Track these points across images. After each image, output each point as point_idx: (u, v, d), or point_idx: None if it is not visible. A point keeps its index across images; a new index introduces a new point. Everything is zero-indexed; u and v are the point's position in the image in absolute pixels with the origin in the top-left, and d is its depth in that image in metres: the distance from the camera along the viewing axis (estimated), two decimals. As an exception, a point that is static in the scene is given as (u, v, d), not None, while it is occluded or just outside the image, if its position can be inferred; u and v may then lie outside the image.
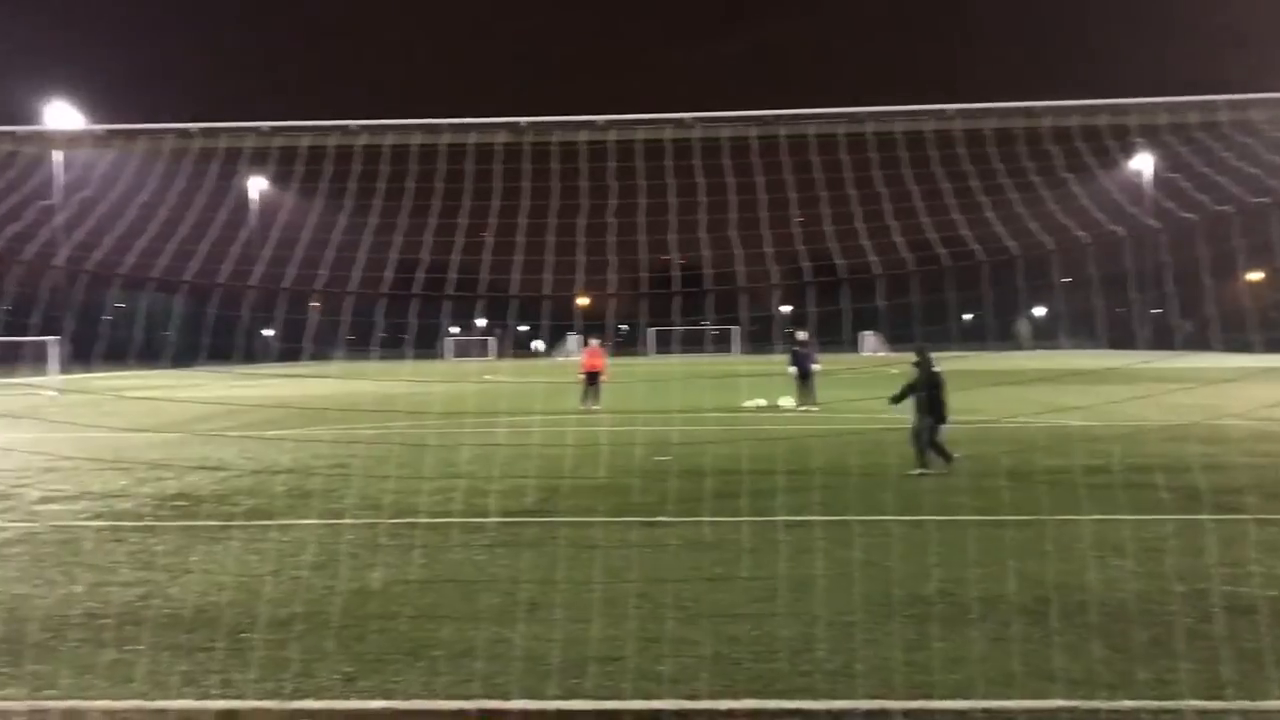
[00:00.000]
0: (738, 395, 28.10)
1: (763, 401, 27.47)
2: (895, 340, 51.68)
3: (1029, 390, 31.22)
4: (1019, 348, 76.36)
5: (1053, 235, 6.87)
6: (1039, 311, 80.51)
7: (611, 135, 6.52)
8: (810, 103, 6.42)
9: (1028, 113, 6.15)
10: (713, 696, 6.01)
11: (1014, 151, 6.58)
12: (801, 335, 27.75)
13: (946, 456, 14.54)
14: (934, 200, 6.93)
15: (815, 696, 5.98)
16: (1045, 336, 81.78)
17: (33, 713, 5.94)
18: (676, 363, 65.44)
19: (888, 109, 6.40)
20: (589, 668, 6.47)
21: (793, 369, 27.64)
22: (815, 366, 27.38)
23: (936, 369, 14.82)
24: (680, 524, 10.88)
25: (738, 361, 65.75)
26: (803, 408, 26.67)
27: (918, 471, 14.26)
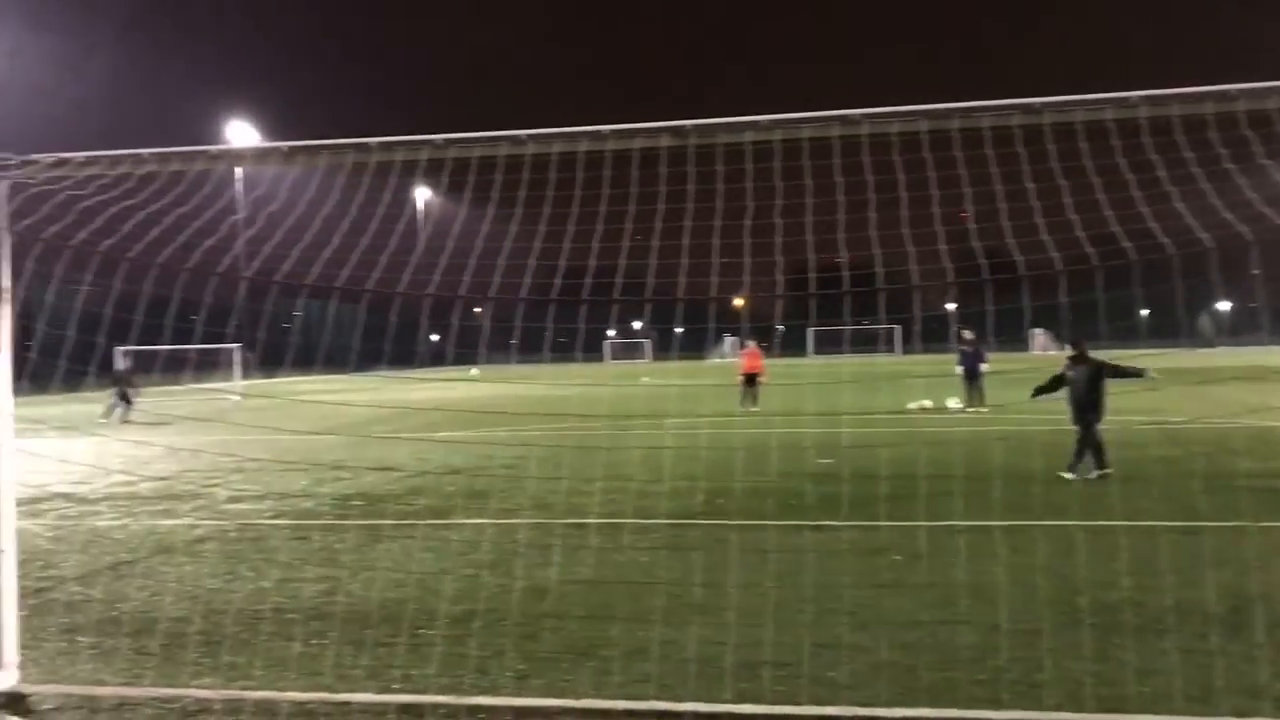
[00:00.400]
0: (901, 397, 27.53)
1: (928, 403, 26.83)
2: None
3: (1223, 389, 29.51)
4: (1204, 345, 72.41)
5: (1249, 225, 6.47)
6: (1223, 306, 76.10)
7: (777, 135, 6.44)
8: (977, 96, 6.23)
9: (1221, 96, 5.78)
10: (890, 704, 5.88)
11: (1204, 139, 6.21)
12: (968, 334, 26.99)
13: (1102, 463, 13.90)
14: (1117, 192, 6.62)
15: (998, 707, 5.79)
16: (1232, 332, 77.26)
17: (227, 702, 6.25)
18: (837, 363, 64.50)
19: (1066, 99, 6.13)
20: (762, 672, 6.41)
21: (959, 369, 26.91)
22: (984, 366, 26.58)
23: (1098, 363, 14.11)
24: (849, 528, 10.70)
25: (900, 362, 64.49)
26: (971, 409, 25.94)
27: (1096, 474, 13.66)
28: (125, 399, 31.66)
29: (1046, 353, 72.17)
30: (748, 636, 7.10)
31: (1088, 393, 13.96)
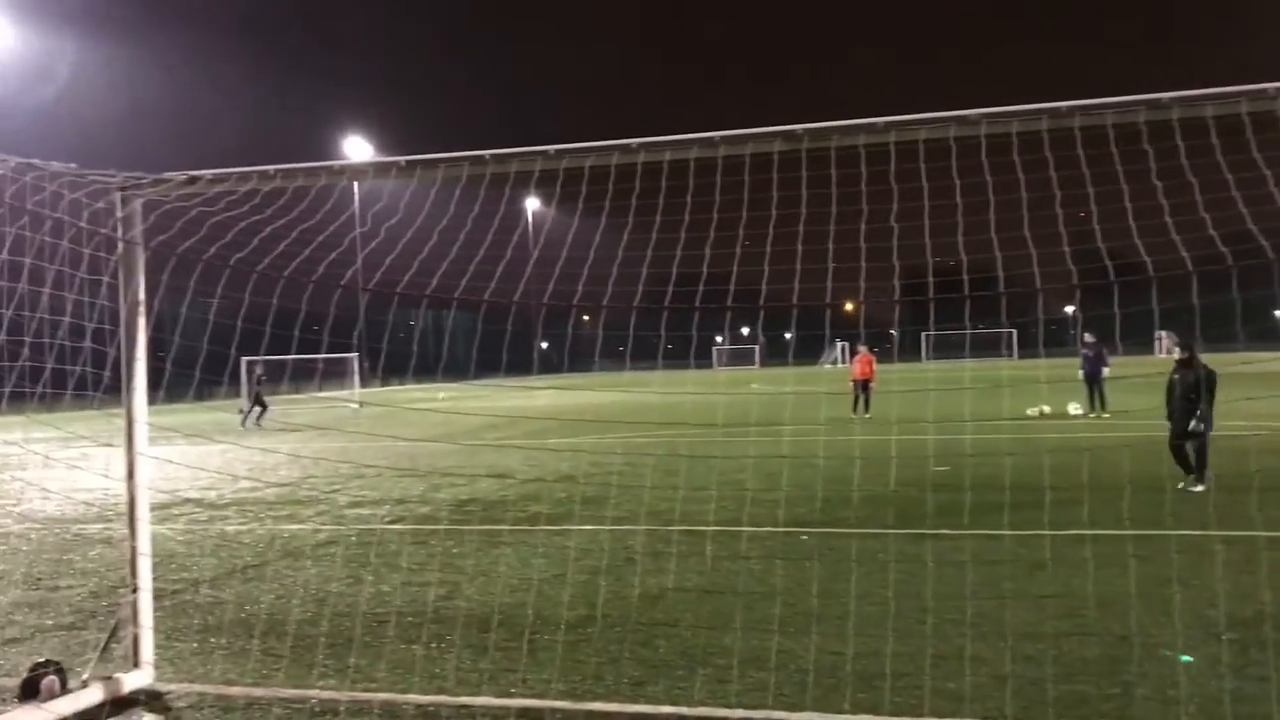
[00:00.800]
0: (1020, 402, 26.86)
1: (1046, 409, 26.13)
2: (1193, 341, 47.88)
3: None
4: None
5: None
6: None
7: (891, 137, 6.34)
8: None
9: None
10: (1016, 718, 5.72)
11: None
12: (1089, 337, 26.21)
13: (1201, 471, 13.24)
14: (1251, 189, 6.34)
15: (1129, 724, 5.60)
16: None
17: (353, 703, 6.40)
18: (953, 368, 63.25)
19: (1195, 93, 5.90)
20: (880, 683, 6.31)
21: (1081, 373, 26.13)
22: (1105, 370, 25.76)
23: (1205, 371, 13.45)
24: (969, 536, 10.47)
25: (1018, 366, 62.95)
26: (1092, 414, 25.17)
27: (1198, 487, 13.06)
28: (261, 406, 32.94)
29: (1171, 355, 69.69)
30: (866, 646, 7.00)
31: (1186, 399, 13.34)
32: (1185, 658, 6.65)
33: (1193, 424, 13.12)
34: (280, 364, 34.95)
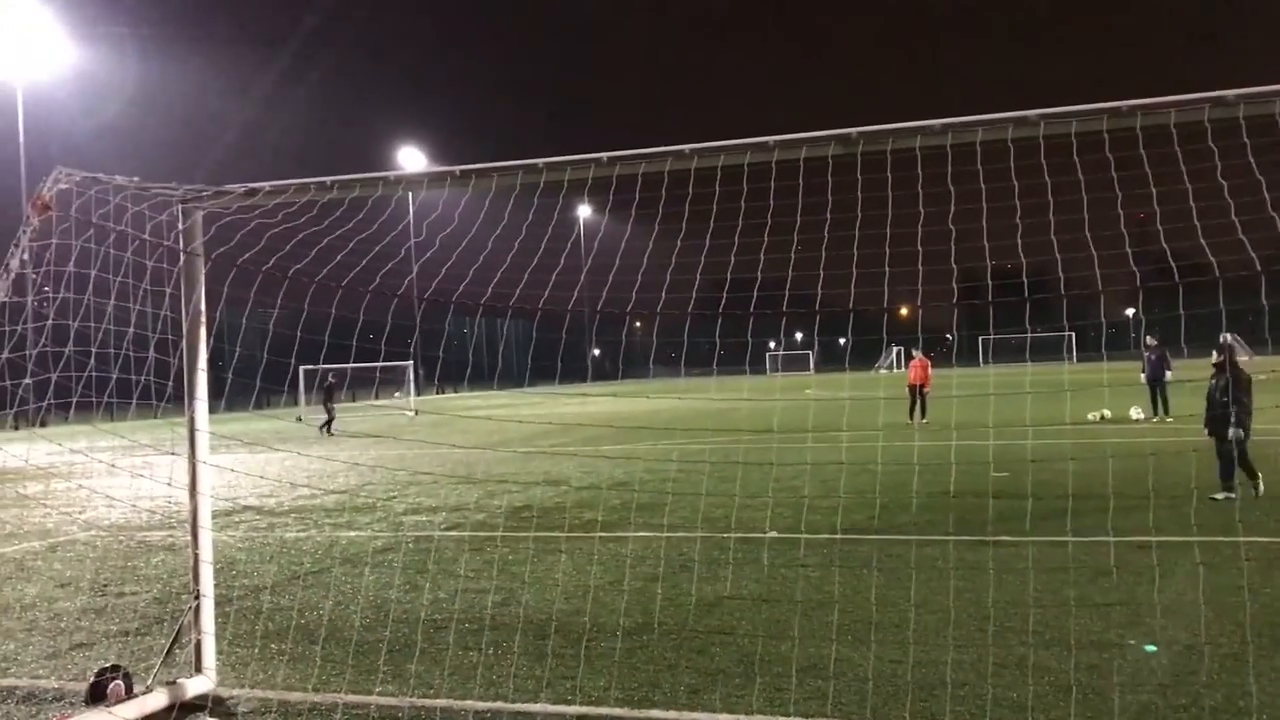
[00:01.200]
0: (1081, 406, 26.43)
1: (1108, 413, 25.68)
2: (1258, 343, 46.92)
3: None
4: None
5: None
6: None
7: (949, 139, 6.26)
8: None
9: None
10: (1080, 730, 5.62)
11: None
12: (1151, 340, 25.72)
13: (1253, 474, 12.84)
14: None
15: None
16: None
17: (413, 709, 6.43)
18: (1011, 372, 62.37)
19: (1262, 90, 5.76)
20: (940, 692, 6.22)
21: (1143, 376, 25.65)
22: (1168, 374, 25.25)
23: (1236, 377, 13.00)
24: (1030, 543, 10.29)
25: (1076, 370, 62.00)
26: (1155, 418, 24.70)
27: (1222, 495, 12.65)
28: (330, 413, 33.51)
29: (1238, 358, 68.17)
30: (925, 655, 6.91)
31: (1222, 404, 12.96)
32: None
33: (1230, 431, 12.75)
34: (339, 373, 35.46)
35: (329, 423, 33.41)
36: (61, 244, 6.36)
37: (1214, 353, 13.72)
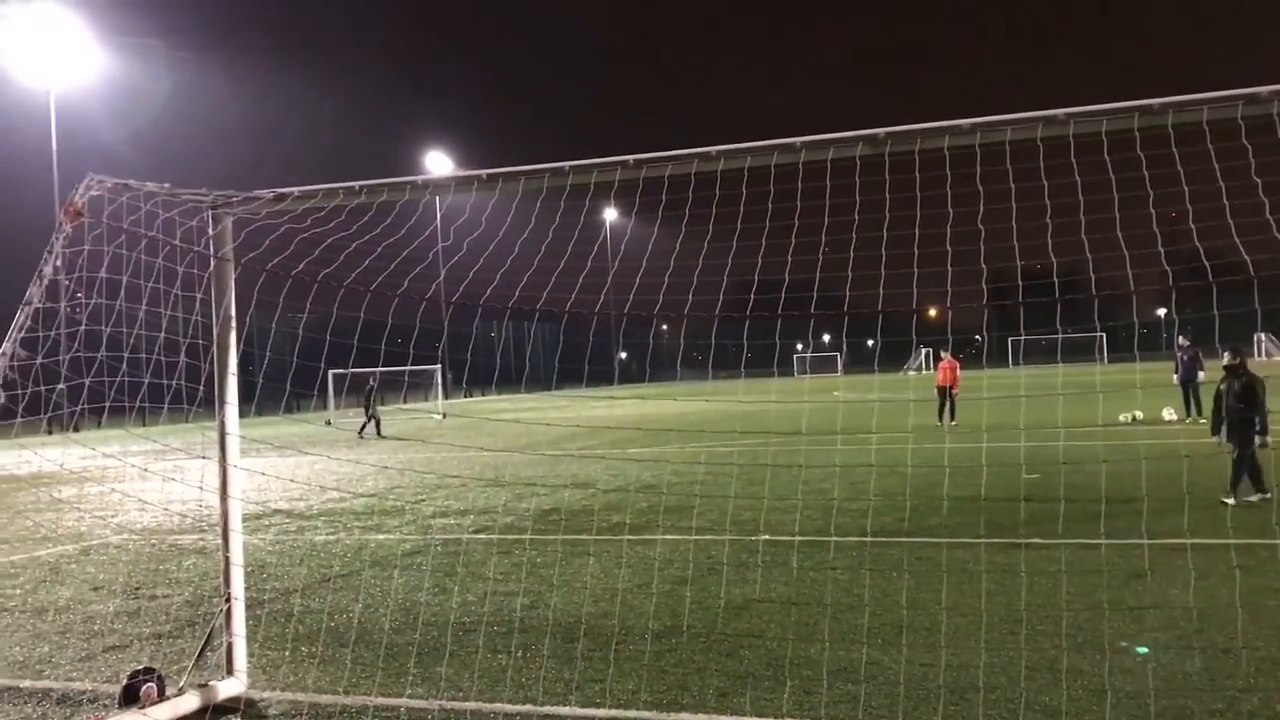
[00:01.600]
0: (1112, 408, 26.17)
1: (1140, 414, 25.42)
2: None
3: None
4: None
5: None
6: None
7: (977, 138, 6.21)
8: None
9: None
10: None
11: None
12: (1184, 341, 25.45)
13: (1260, 484, 12.61)
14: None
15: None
16: None
17: (442, 712, 6.45)
18: (1041, 373, 61.88)
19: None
20: (972, 695, 6.17)
21: (1176, 377, 25.37)
22: (1201, 375, 24.97)
23: (1253, 379, 12.80)
24: (1061, 545, 10.20)
25: (1107, 371, 61.47)
26: (1188, 419, 24.43)
27: (1257, 497, 12.46)
28: (369, 417, 33.69)
29: (1272, 359, 67.42)
30: (957, 658, 6.86)
31: (1238, 409, 12.73)
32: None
33: (1257, 439, 12.54)
34: (365, 378, 35.63)
35: (375, 424, 33.60)
36: (94, 250, 6.42)
37: (1226, 355, 13.47)
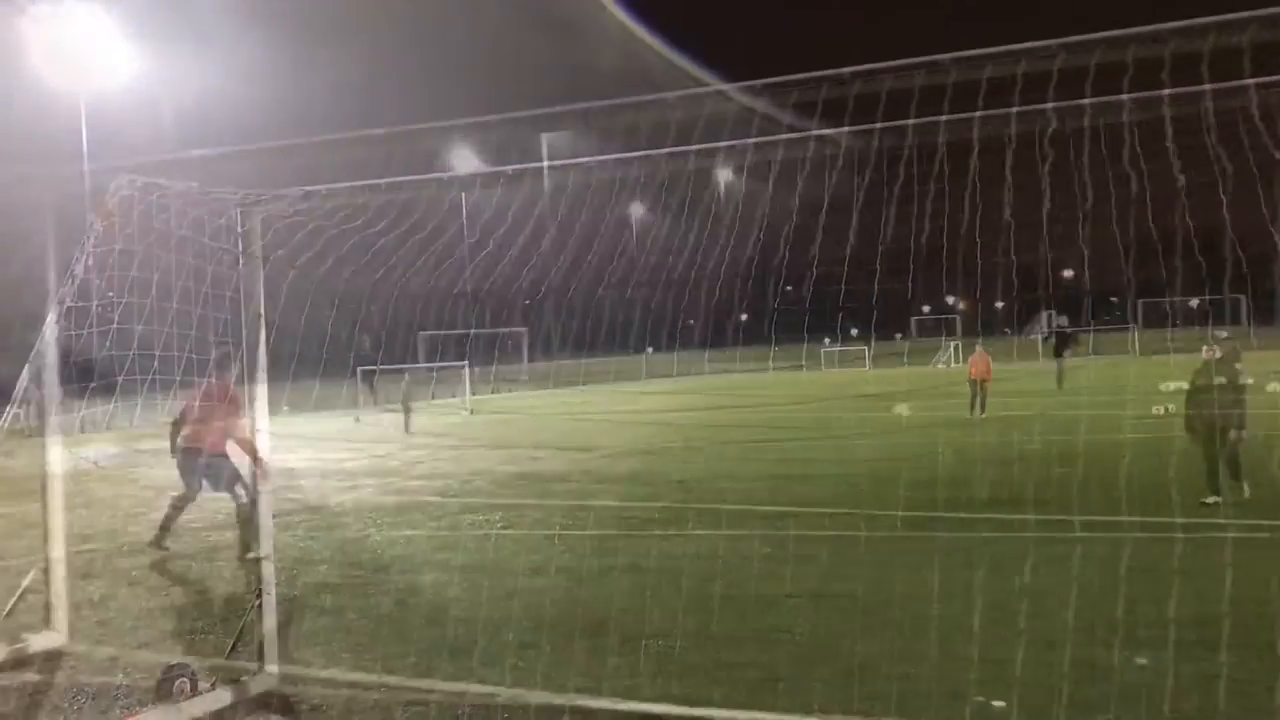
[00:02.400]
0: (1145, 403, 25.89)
1: (1172, 407, 25.10)
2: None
3: None
4: None
5: None
6: None
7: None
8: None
9: None
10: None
11: None
12: (1221, 334, 25.09)
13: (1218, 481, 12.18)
14: None
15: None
16: None
17: (474, 705, 6.46)
18: (1079, 364, 61.31)
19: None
20: (1004, 693, 6.11)
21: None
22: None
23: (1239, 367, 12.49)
24: (1098, 540, 10.05)
25: (1150, 361, 60.86)
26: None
27: (1212, 499, 12.03)
28: (408, 410, 33.72)
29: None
30: (992, 652, 6.78)
31: (1224, 404, 12.23)
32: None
33: (1233, 432, 12.26)
34: (395, 373, 35.76)
35: (406, 420, 33.62)
36: (125, 249, 6.46)
37: (1204, 348, 13.01)
